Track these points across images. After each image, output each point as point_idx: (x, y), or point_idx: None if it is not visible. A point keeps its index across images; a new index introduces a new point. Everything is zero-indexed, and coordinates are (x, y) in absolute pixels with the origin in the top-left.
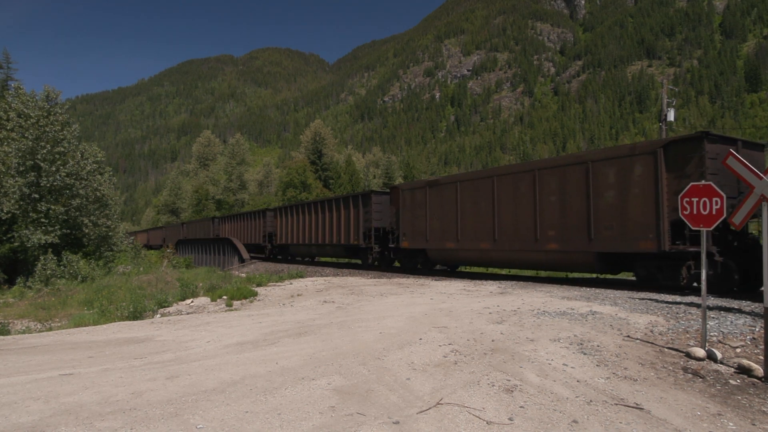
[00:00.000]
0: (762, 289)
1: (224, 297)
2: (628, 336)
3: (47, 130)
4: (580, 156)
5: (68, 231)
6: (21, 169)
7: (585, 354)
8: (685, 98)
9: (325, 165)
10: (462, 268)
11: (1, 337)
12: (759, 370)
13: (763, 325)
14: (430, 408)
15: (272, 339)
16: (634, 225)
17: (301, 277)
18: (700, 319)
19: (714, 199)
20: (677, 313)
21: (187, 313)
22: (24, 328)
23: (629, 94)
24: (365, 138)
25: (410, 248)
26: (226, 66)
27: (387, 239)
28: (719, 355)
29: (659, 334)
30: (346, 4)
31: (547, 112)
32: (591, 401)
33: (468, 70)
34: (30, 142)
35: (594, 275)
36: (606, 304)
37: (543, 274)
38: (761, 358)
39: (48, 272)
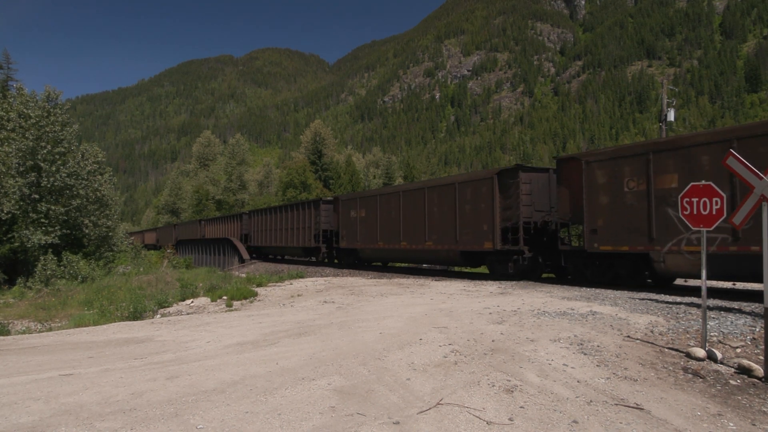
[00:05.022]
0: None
1: (224, 297)
2: (629, 336)
3: (47, 130)
4: None
5: (68, 231)
6: (21, 169)
7: (585, 354)
8: (685, 98)
9: (325, 165)
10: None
11: (2, 337)
12: (759, 370)
13: (763, 325)
14: (430, 408)
15: (272, 339)
16: None
17: (301, 277)
18: (701, 320)
19: (714, 199)
20: (677, 314)
21: (187, 314)
22: (24, 328)
23: (629, 94)
24: (365, 138)
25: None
26: (226, 66)
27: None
28: (719, 356)
29: (659, 334)
30: (346, 4)
31: (547, 113)
32: (591, 401)
33: (468, 71)
34: (30, 143)
35: None
36: (606, 305)
37: (543, 274)
38: (761, 358)
39: (48, 272)
